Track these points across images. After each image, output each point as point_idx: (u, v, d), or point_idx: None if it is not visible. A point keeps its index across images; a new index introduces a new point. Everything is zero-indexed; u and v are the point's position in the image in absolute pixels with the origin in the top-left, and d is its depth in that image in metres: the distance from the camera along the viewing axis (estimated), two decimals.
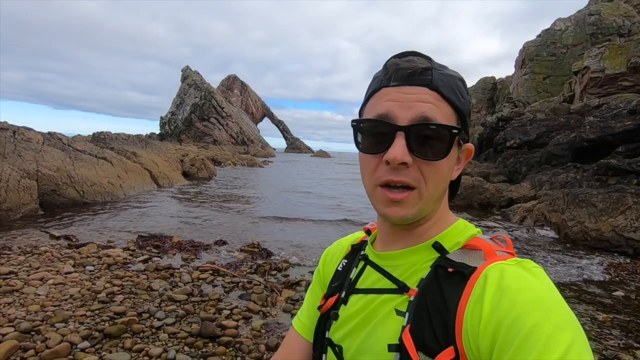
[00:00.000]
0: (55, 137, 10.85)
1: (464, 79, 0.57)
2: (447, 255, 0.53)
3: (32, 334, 2.97)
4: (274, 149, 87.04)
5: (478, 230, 0.59)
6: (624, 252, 6.98)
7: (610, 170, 9.94)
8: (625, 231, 7.12)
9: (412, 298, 0.52)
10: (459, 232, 0.57)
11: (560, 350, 0.38)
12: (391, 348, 0.51)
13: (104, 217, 8.26)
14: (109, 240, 6.33)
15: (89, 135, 16.73)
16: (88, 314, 3.40)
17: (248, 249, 6.22)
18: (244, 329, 3.46)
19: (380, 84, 0.54)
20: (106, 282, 4.18)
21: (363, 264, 0.63)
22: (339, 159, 78.57)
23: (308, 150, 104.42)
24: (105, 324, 3.22)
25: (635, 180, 9.10)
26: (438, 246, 0.55)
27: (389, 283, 0.57)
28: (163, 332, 3.21)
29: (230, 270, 5.06)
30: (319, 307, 0.66)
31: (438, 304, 0.48)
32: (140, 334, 3.15)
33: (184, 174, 17.83)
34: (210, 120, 65.80)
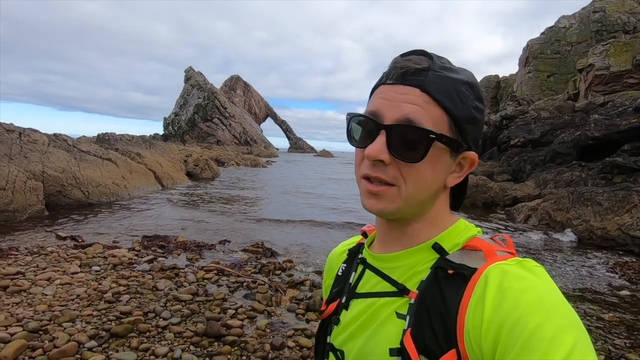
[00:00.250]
0: (60, 139, 10.93)
1: (474, 83, 0.54)
2: (447, 257, 0.53)
3: (40, 333, 3.01)
4: (277, 149, 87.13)
5: (478, 230, 0.58)
6: (630, 251, 6.93)
7: (615, 169, 9.87)
8: (632, 230, 7.07)
9: (413, 301, 0.51)
10: (459, 233, 0.56)
11: (563, 351, 0.38)
12: (392, 352, 0.50)
13: (109, 218, 8.32)
14: (115, 241, 6.38)
15: (93, 137, 16.86)
16: (95, 313, 3.43)
17: (252, 249, 6.24)
18: (249, 328, 3.47)
19: (380, 81, 0.56)
20: (112, 282, 4.21)
21: (362, 267, 0.63)
22: (341, 158, 78.52)
23: (311, 150, 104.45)
24: (112, 324, 3.25)
25: None
26: (438, 247, 0.54)
27: (389, 286, 0.56)
28: (169, 332, 3.23)
29: (235, 270, 5.08)
30: (320, 313, 0.66)
31: (439, 306, 0.48)
32: (146, 334, 3.18)
33: (188, 174, 17.91)
34: (213, 121, 66.01)
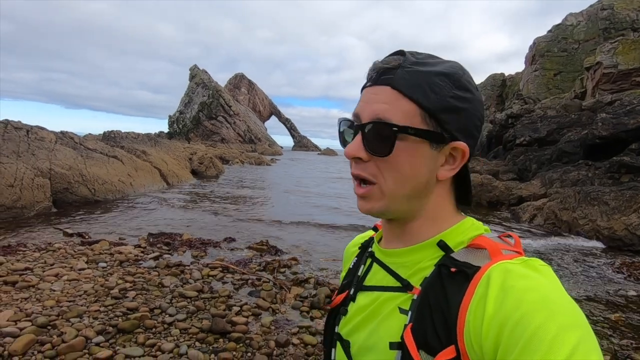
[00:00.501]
0: (67, 136, 11.04)
1: (451, 72, 0.53)
2: (452, 254, 0.53)
3: (49, 328, 3.05)
4: (281, 147, 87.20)
5: (486, 228, 0.58)
6: (637, 251, 6.87)
7: (623, 168, 9.77)
8: (639, 229, 7.00)
9: (415, 297, 0.52)
10: (464, 231, 0.56)
11: (565, 351, 0.38)
12: (393, 346, 0.51)
13: (115, 215, 8.39)
14: (121, 238, 6.44)
15: (99, 134, 16.96)
16: (102, 309, 3.47)
17: (257, 247, 6.27)
18: (253, 325, 3.50)
19: (364, 84, 0.59)
20: (118, 279, 4.26)
21: (370, 261, 0.64)
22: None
23: (315, 148, 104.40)
24: (119, 319, 3.29)
25: None
26: (443, 245, 0.54)
27: (393, 281, 0.57)
28: (175, 328, 3.26)
29: (240, 267, 5.11)
30: (329, 303, 0.67)
31: (440, 304, 0.48)
32: (153, 329, 3.22)
33: (193, 172, 17.99)
34: (218, 119, 66.21)
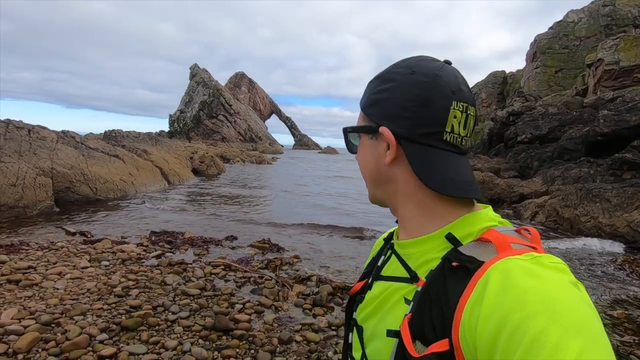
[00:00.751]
0: (68, 136, 11.05)
1: (381, 73, 0.61)
2: (459, 248, 0.51)
3: (53, 326, 3.06)
4: (282, 146, 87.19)
5: (502, 221, 0.56)
6: (639, 248, 6.86)
7: (625, 165, 9.75)
8: None
9: (419, 288, 0.52)
10: (474, 223, 0.54)
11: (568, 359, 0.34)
12: (389, 333, 0.52)
13: (117, 214, 8.41)
14: (123, 236, 6.45)
15: (100, 134, 16.95)
16: (105, 307, 3.48)
17: (259, 245, 6.28)
18: (256, 322, 3.51)
19: None
20: (121, 277, 4.27)
21: (390, 252, 0.66)
22: (346, 155, 78.23)
23: (316, 146, 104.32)
24: (122, 317, 3.30)
25: None
26: (450, 237, 0.53)
27: (404, 271, 0.58)
28: (178, 325, 3.28)
29: (242, 265, 5.12)
30: (349, 290, 0.69)
31: (440, 297, 0.48)
32: (156, 327, 3.23)
33: (194, 171, 18.01)
34: (218, 118, 66.21)
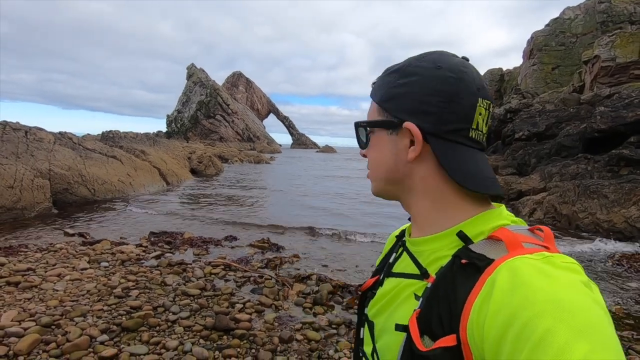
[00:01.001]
0: (66, 137, 11.01)
1: (401, 67, 0.60)
2: (470, 246, 0.52)
3: (53, 328, 3.06)
4: (280, 145, 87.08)
5: (515, 219, 0.55)
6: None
7: (622, 161, 9.79)
8: (638, 222, 7.03)
9: (429, 285, 0.52)
10: (486, 221, 0.54)
11: None
12: (398, 328, 0.53)
13: (115, 215, 8.39)
14: (122, 237, 6.44)
15: (98, 134, 16.89)
16: (105, 308, 3.48)
17: (258, 244, 6.28)
18: (257, 322, 3.51)
19: None
20: (121, 278, 4.26)
21: (401, 249, 0.67)
22: (344, 154, 78.34)
23: (314, 145, 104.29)
24: (123, 318, 3.30)
25: None
26: (462, 235, 0.54)
27: (414, 268, 0.58)
28: (178, 326, 3.28)
29: (242, 265, 5.12)
30: (360, 286, 0.70)
31: (449, 295, 0.48)
32: (157, 328, 3.23)
33: (192, 171, 17.98)
34: (216, 118, 66.05)
